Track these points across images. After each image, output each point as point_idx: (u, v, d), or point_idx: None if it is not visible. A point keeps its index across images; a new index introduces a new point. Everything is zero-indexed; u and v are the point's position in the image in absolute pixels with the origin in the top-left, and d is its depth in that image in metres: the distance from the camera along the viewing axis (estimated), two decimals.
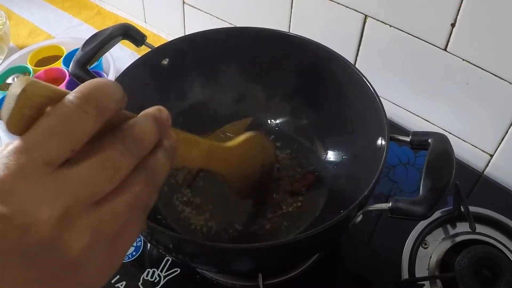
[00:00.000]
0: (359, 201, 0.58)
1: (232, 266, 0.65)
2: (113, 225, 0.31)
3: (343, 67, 0.75)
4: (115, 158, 0.31)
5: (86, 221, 0.30)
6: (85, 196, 0.29)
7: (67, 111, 0.29)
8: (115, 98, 0.32)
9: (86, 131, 0.30)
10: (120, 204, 0.31)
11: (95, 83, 0.31)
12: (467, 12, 0.74)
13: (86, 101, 0.30)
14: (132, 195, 0.32)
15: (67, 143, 0.29)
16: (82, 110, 0.30)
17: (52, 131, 0.29)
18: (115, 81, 0.33)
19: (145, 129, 0.33)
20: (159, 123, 0.35)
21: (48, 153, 0.29)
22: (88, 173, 0.30)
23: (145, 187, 0.33)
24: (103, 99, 0.31)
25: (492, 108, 0.81)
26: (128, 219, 0.32)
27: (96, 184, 0.30)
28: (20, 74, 1.06)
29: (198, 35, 0.81)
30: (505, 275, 0.68)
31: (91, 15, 1.32)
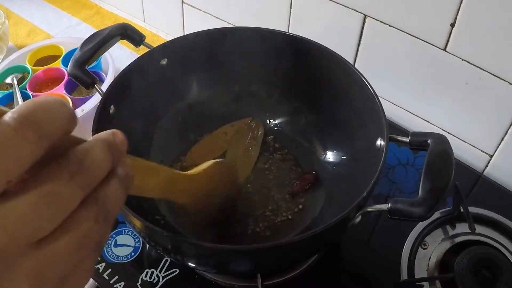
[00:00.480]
0: (358, 202, 0.58)
1: (231, 267, 0.64)
2: (58, 269, 0.27)
3: (342, 67, 0.75)
4: (59, 192, 0.27)
5: (25, 265, 0.26)
6: (24, 237, 0.25)
7: (2, 135, 0.25)
8: (60, 120, 0.27)
9: (23, 160, 0.25)
10: (65, 244, 0.27)
11: (38, 101, 0.27)
12: (467, 12, 0.74)
13: (25, 123, 0.25)
14: (79, 233, 0.28)
15: (0, 174, 0.25)
16: (20, 134, 0.25)
17: None
18: (62, 100, 0.28)
19: (96, 157, 0.29)
20: (113, 149, 0.30)
21: None
22: (26, 208, 0.25)
23: (95, 223, 0.29)
24: (45, 122, 0.26)
25: (492, 108, 0.81)
26: (76, 261, 0.28)
27: (36, 221, 0.26)
28: (19, 74, 1.06)
29: (197, 34, 0.80)
30: (504, 276, 0.68)
31: (90, 15, 1.32)
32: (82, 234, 0.28)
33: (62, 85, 1.01)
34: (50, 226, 0.26)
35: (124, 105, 0.74)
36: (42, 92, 1.02)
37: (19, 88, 1.01)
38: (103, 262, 0.75)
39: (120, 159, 0.31)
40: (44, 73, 1.06)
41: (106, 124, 0.68)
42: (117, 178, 0.31)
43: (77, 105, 0.96)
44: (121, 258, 0.76)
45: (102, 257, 0.76)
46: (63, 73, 1.04)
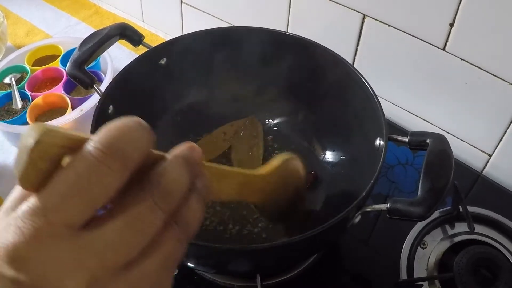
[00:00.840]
0: (357, 201, 0.58)
1: (230, 267, 0.64)
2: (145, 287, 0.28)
3: (341, 67, 0.75)
4: (144, 217, 0.28)
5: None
6: (112, 262, 0.27)
7: (88, 167, 0.26)
8: (143, 145, 0.28)
9: (110, 189, 0.27)
10: (150, 266, 0.28)
11: (118, 128, 0.27)
12: (466, 11, 0.74)
13: (109, 153, 0.26)
14: (163, 255, 0.29)
15: (88, 203, 0.26)
16: (104, 164, 0.26)
17: (72, 190, 0.26)
18: (141, 121, 0.28)
19: (176, 177, 0.29)
20: (192, 166, 0.31)
21: (67, 215, 0.26)
22: (114, 235, 0.27)
23: (177, 243, 0.29)
24: (128, 149, 0.27)
25: (491, 107, 0.81)
26: (159, 279, 0.29)
27: (124, 247, 0.27)
28: (17, 74, 1.06)
29: (196, 34, 0.80)
30: (504, 275, 0.68)
31: (89, 14, 1.32)
32: (166, 255, 0.29)
33: (60, 85, 1.00)
34: (137, 250, 0.27)
35: (123, 105, 0.73)
36: (41, 92, 1.02)
37: (18, 88, 1.01)
38: None
39: (198, 173, 0.31)
40: (43, 73, 1.05)
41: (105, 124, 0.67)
42: (196, 193, 0.31)
43: (76, 105, 0.96)
44: None
45: None
46: (61, 73, 1.04)
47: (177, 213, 0.29)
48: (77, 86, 1.03)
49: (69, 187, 0.26)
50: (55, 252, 0.25)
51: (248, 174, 0.51)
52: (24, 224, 0.25)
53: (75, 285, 0.25)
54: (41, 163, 0.26)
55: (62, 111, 0.97)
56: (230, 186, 0.46)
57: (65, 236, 0.26)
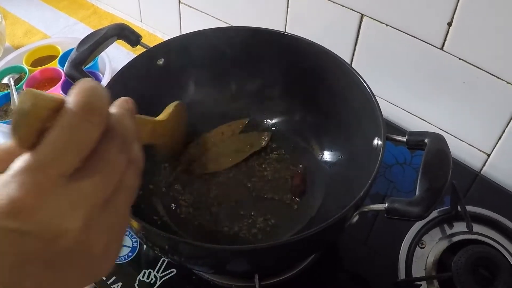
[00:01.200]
0: (355, 201, 0.58)
1: (229, 267, 0.64)
2: (119, 219, 0.34)
3: (339, 67, 0.75)
4: (115, 161, 0.33)
5: (103, 221, 0.32)
6: (98, 201, 0.32)
7: (73, 123, 0.30)
8: (107, 101, 0.33)
9: (92, 140, 0.31)
10: (122, 199, 0.34)
11: (89, 89, 0.31)
12: (464, 11, 0.74)
13: (89, 110, 0.31)
14: (129, 189, 0.35)
15: (77, 153, 0.31)
16: (87, 121, 0.31)
17: (63, 145, 0.30)
18: (97, 82, 0.34)
19: (128, 125, 0.35)
20: (133, 116, 0.36)
21: (61, 166, 0.30)
22: (98, 179, 0.31)
23: (135, 177, 0.35)
24: (101, 105, 0.32)
25: (489, 107, 0.81)
26: (127, 208, 0.35)
27: (105, 188, 0.32)
28: (16, 74, 1.06)
29: (194, 34, 0.80)
30: (502, 275, 0.68)
31: (87, 15, 1.32)
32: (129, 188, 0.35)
33: (59, 85, 1.00)
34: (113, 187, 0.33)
35: None
36: None
37: (16, 88, 1.01)
38: None
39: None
40: (41, 73, 1.05)
41: None
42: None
43: None
44: (119, 258, 0.76)
45: None
46: (60, 73, 1.04)
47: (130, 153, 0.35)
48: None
49: (60, 142, 0.30)
50: (54, 199, 0.29)
51: (154, 120, 0.63)
52: (25, 178, 0.29)
53: (75, 224, 0.30)
54: (36, 124, 0.30)
55: None
56: (146, 132, 0.57)
57: (60, 184, 0.30)
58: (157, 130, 0.63)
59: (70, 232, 0.30)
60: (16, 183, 0.28)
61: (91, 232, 0.31)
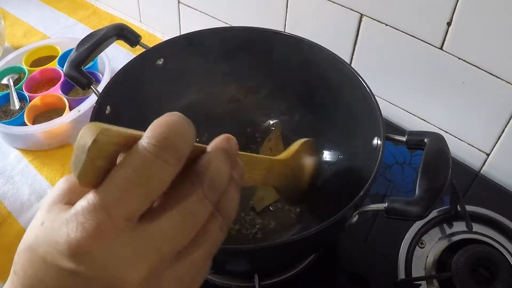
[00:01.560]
0: (354, 201, 0.57)
1: (228, 267, 0.64)
2: (193, 274, 0.31)
3: (338, 66, 0.75)
4: (196, 208, 0.29)
5: (171, 276, 0.29)
6: (168, 252, 0.28)
7: (144, 162, 0.27)
8: (190, 138, 0.29)
9: (165, 181, 0.28)
10: (199, 253, 0.30)
11: (168, 124, 0.28)
12: (463, 11, 0.74)
13: (164, 148, 0.28)
14: (210, 243, 0.31)
15: (146, 196, 0.28)
16: (160, 159, 0.28)
17: (130, 185, 0.27)
18: (184, 117, 0.30)
19: (220, 170, 0.31)
20: (231, 157, 0.32)
21: (127, 209, 0.27)
22: (170, 226, 0.28)
23: (220, 232, 0.32)
24: (180, 143, 0.29)
25: (489, 106, 0.81)
26: (205, 265, 0.32)
27: (179, 238, 0.29)
28: (15, 75, 1.06)
29: (193, 34, 0.80)
30: (502, 274, 0.68)
31: (86, 15, 1.32)
32: (212, 243, 0.31)
33: (58, 85, 1.00)
34: (189, 240, 0.29)
35: (120, 105, 0.73)
36: (38, 93, 1.02)
37: (16, 89, 1.01)
38: None
39: (235, 164, 0.33)
40: (41, 73, 1.06)
41: None
42: (234, 183, 0.33)
43: (74, 105, 0.96)
44: None
45: None
46: (59, 73, 1.04)
47: (219, 203, 0.31)
48: (74, 86, 1.03)
49: (128, 181, 0.27)
50: (116, 245, 0.27)
51: (271, 159, 0.55)
52: (86, 219, 0.27)
53: (136, 275, 0.27)
54: (98, 161, 0.27)
55: (60, 111, 0.97)
56: (258, 172, 0.49)
57: (125, 229, 0.27)
58: (274, 170, 0.57)
59: (130, 283, 0.27)
60: (76, 223, 0.27)
61: (154, 285, 0.28)
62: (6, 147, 0.97)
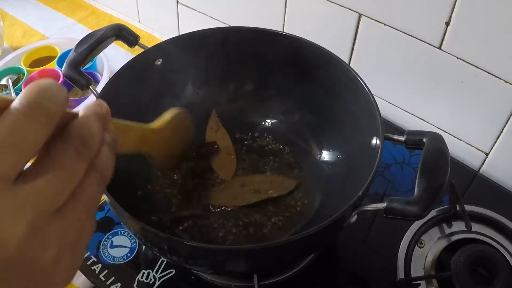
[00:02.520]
0: (353, 201, 0.58)
1: (227, 267, 0.64)
2: (75, 230, 0.31)
3: (337, 66, 0.75)
4: (69, 166, 0.30)
5: (52, 231, 0.29)
6: (46, 208, 0.29)
7: (16, 121, 0.28)
8: (61, 100, 0.30)
9: (37, 140, 0.28)
10: (78, 209, 0.31)
11: (38, 86, 0.29)
12: (462, 10, 0.74)
13: (34, 107, 0.28)
14: (88, 198, 0.32)
15: (20, 155, 0.28)
16: (30, 118, 0.28)
17: (2, 145, 0.27)
18: (55, 82, 0.31)
19: (92, 129, 0.33)
20: (102, 120, 0.34)
21: (2, 168, 0.27)
22: (46, 184, 0.29)
23: (97, 187, 0.33)
24: (49, 103, 0.29)
25: (488, 106, 0.81)
26: (85, 220, 0.32)
27: (55, 195, 0.29)
28: (14, 75, 1.06)
29: (192, 35, 0.80)
30: (501, 274, 0.68)
31: (85, 15, 1.32)
32: (90, 198, 0.32)
33: None
34: (66, 196, 0.30)
35: (119, 106, 0.73)
36: None
37: (15, 89, 1.01)
38: (99, 263, 0.75)
39: (107, 127, 0.35)
40: (39, 74, 1.05)
41: None
42: (107, 144, 0.34)
43: (73, 106, 0.96)
44: (117, 259, 0.76)
45: (99, 258, 0.75)
46: (58, 74, 1.04)
47: (94, 161, 0.33)
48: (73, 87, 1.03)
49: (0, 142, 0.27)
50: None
51: (144, 127, 0.58)
52: None
53: (17, 232, 0.27)
54: None
55: None
56: (130, 139, 0.52)
57: (1, 188, 0.27)
58: (146, 138, 0.59)
59: (11, 240, 0.27)
60: None
61: (37, 241, 0.28)
62: None
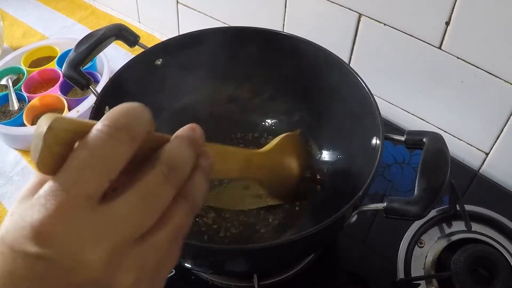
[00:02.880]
0: (353, 201, 0.57)
1: (227, 267, 0.64)
2: (157, 258, 0.31)
3: (337, 66, 0.75)
4: (156, 190, 0.30)
5: (133, 258, 0.29)
6: (129, 233, 0.28)
7: (98, 141, 0.28)
8: (144, 121, 0.30)
9: (120, 159, 0.29)
10: (163, 237, 0.30)
11: (121, 108, 0.30)
12: (462, 10, 0.74)
13: (116, 128, 0.29)
14: (174, 227, 0.31)
15: (103, 174, 0.28)
16: (113, 137, 0.28)
17: (86, 164, 0.28)
18: (140, 104, 0.31)
19: (182, 154, 0.32)
20: (195, 144, 0.33)
21: (85, 188, 0.27)
22: (131, 207, 0.29)
23: (186, 216, 0.32)
24: (132, 123, 0.29)
25: (488, 106, 0.81)
26: (169, 249, 0.31)
27: (140, 219, 0.29)
28: (14, 75, 1.06)
29: (192, 35, 0.80)
30: (501, 274, 0.68)
31: (85, 15, 1.32)
32: (176, 227, 0.31)
33: (57, 86, 1.00)
34: (151, 222, 0.30)
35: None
36: (37, 93, 1.02)
37: (14, 89, 1.01)
38: None
39: (201, 151, 0.34)
40: (39, 74, 1.05)
41: None
42: (201, 170, 0.33)
43: (72, 106, 0.96)
44: None
45: None
46: (58, 74, 1.04)
47: (184, 188, 0.32)
48: (73, 87, 1.03)
49: (84, 161, 0.28)
50: (77, 224, 0.27)
51: (248, 152, 0.57)
52: (47, 200, 0.27)
53: (97, 255, 0.27)
54: (55, 147, 0.28)
55: (59, 112, 0.97)
56: (232, 164, 0.50)
57: (85, 208, 0.27)
58: (251, 163, 0.56)
59: (91, 263, 0.27)
60: (39, 205, 0.27)
61: (115, 267, 0.28)
62: (5, 147, 0.96)
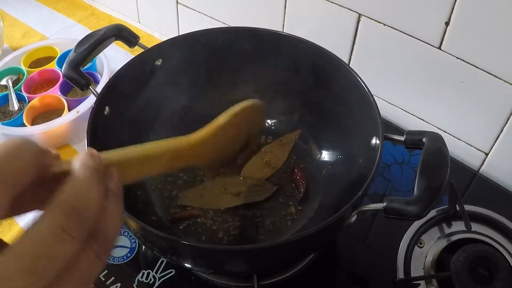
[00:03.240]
0: (353, 201, 0.58)
1: (227, 267, 0.64)
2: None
3: (337, 66, 0.75)
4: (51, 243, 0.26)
5: None
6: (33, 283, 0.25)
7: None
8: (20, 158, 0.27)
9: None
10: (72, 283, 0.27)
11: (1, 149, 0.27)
12: (462, 10, 0.74)
13: None
14: (81, 274, 0.28)
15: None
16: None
17: None
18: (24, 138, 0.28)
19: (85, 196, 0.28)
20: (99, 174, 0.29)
21: None
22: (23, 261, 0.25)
23: (96, 260, 0.29)
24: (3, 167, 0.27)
25: (487, 106, 0.81)
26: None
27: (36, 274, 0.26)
28: (14, 76, 1.06)
29: (192, 35, 0.80)
30: (501, 274, 0.68)
31: (85, 16, 1.32)
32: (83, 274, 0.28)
33: (57, 86, 1.00)
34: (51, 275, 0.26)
35: (119, 106, 0.73)
36: (37, 93, 1.02)
37: (14, 90, 1.01)
38: None
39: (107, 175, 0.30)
40: (39, 74, 1.05)
41: (101, 125, 0.67)
42: (112, 196, 0.30)
43: (72, 106, 0.96)
44: (117, 259, 0.76)
45: None
46: (58, 74, 1.04)
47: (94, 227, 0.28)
48: (73, 87, 1.03)
49: None
50: None
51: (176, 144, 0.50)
52: None
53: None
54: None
55: (59, 112, 0.97)
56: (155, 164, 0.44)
57: None
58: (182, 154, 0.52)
59: None
60: None
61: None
62: None
